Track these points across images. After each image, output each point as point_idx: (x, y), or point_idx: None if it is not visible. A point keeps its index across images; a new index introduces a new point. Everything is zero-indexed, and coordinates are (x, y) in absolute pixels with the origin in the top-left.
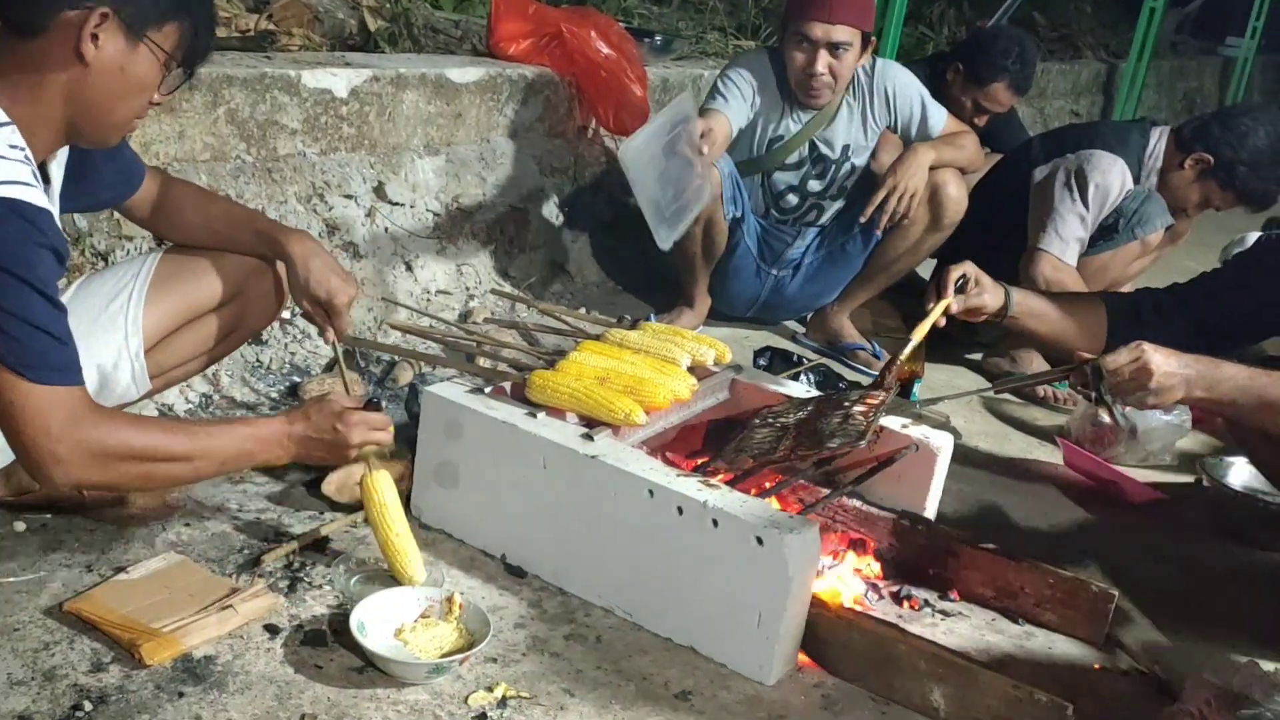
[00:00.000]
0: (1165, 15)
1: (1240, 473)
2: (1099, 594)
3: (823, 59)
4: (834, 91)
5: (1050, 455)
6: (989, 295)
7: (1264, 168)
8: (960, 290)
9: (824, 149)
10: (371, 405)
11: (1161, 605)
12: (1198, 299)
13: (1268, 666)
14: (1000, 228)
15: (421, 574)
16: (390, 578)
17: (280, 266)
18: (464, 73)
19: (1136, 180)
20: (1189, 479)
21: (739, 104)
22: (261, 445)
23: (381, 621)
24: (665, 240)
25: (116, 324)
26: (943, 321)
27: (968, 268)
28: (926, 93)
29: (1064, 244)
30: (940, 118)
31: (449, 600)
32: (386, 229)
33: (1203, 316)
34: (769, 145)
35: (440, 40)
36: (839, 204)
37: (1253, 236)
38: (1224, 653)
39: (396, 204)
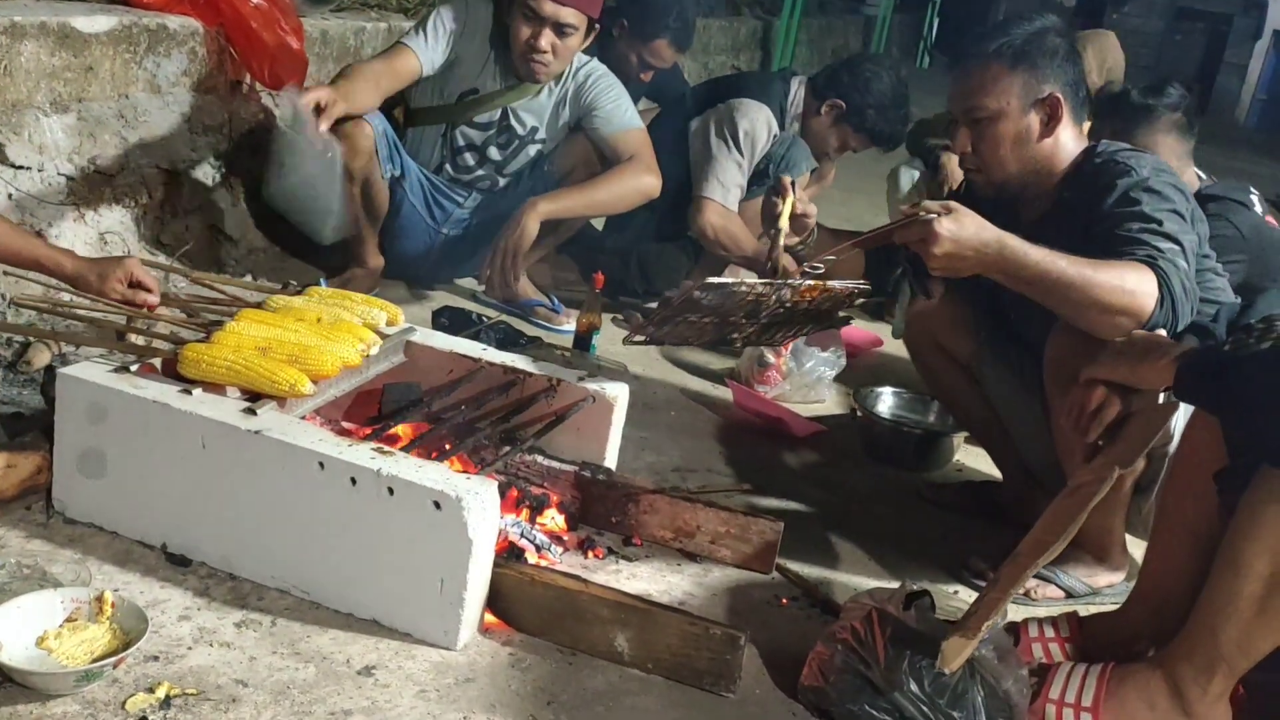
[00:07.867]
0: None
1: (887, 402)
2: (767, 526)
3: (547, 36)
4: (551, 72)
5: (724, 396)
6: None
7: (889, 110)
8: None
9: (514, 122)
10: None
11: (824, 528)
12: None
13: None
14: (665, 177)
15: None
16: (39, 582)
17: None
18: (93, 21)
19: (782, 127)
20: (845, 411)
21: (436, 45)
22: None
23: (18, 631)
24: (328, 236)
25: None
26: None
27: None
28: (624, 101)
29: (726, 191)
30: (617, 124)
31: (99, 599)
32: (10, 195)
33: None
34: (461, 96)
35: None
36: (514, 179)
37: (906, 172)
38: (876, 568)
39: (21, 168)
